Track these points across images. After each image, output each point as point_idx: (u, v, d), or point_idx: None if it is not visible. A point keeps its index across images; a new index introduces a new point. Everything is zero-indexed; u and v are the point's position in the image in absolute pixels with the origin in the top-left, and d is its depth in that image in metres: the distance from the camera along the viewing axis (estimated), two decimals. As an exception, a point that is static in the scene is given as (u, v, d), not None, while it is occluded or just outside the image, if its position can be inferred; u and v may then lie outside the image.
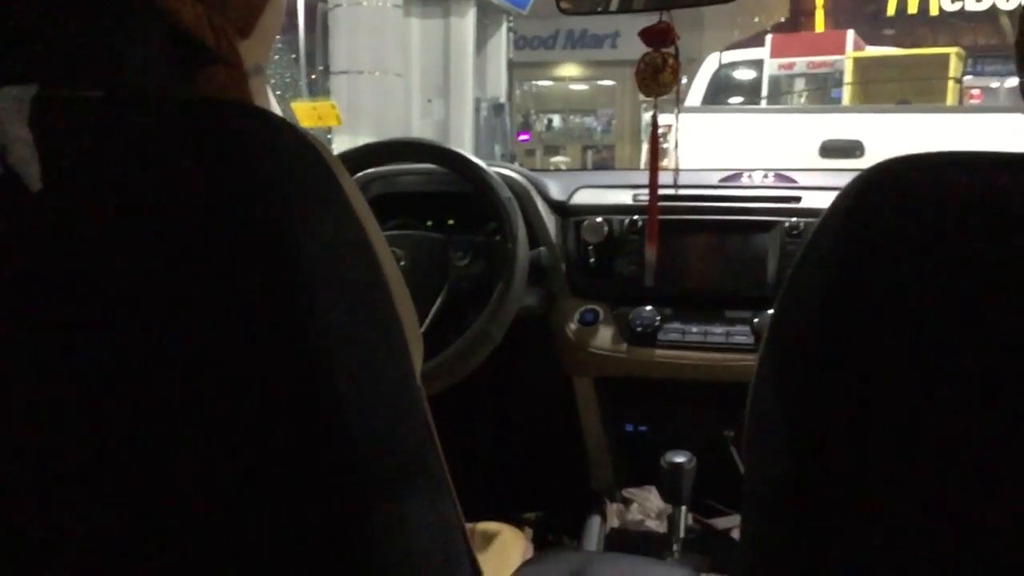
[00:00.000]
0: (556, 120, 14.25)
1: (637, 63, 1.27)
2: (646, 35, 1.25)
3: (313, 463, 0.46)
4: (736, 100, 6.87)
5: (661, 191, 1.44)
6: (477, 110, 8.86)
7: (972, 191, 0.38)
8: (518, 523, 1.61)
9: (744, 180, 1.59)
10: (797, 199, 1.44)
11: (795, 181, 1.56)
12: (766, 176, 1.59)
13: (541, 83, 14.56)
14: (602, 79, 14.32)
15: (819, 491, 0.41)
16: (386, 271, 0.54)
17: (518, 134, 13.19)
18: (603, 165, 13.45)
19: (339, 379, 0.46)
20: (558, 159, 12.71)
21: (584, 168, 12.94)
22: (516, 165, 1.63)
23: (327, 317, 0.46)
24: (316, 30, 8.18)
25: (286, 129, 0.51)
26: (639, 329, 1.42)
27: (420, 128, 8.06)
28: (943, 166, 0.40)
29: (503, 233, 1.34)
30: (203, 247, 0.45)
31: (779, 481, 0.43)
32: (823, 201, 1.39)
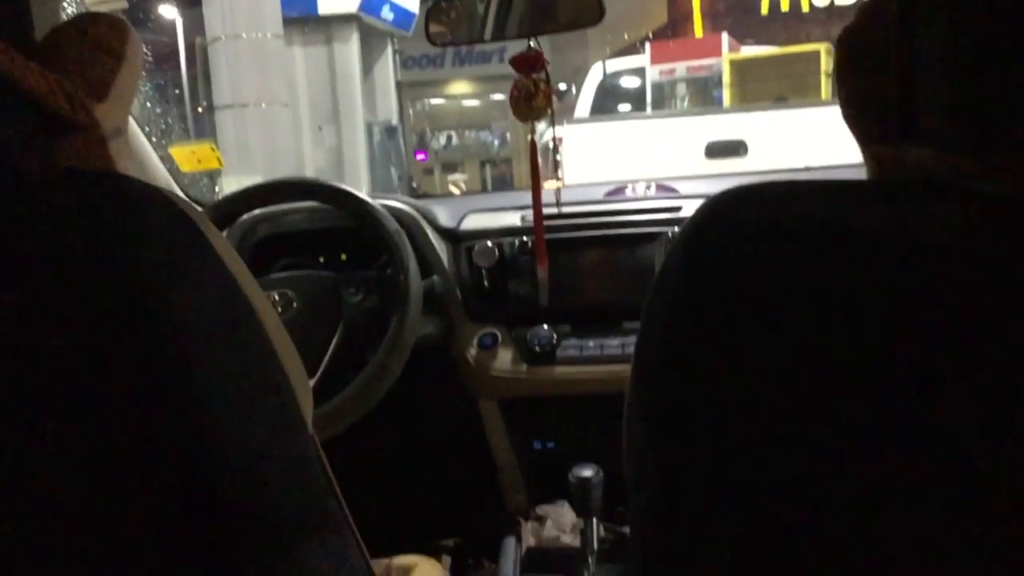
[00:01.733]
0: (453, 137, 14.29)
1: (510, 90, 1.29)
2: (516, 63, 1.28)
3: (208, 530, 0.46)
4: (625, 107, 7.04)
5: (548, 210, 1.47)
6: (370, 134, 8.81)
7: (803, 222, 0.40)
8: (437, 551, 1.61)
9: (628, 193, 1.63)
10: (678, 208, 1.49)
11: (676, 191, 1.61)
12: (648, 188, 1.63)
13: (434, 101, 14.57)
14: (494, 93, 14.46)
15: (684, 511, 0.43)
16: (266, 326, 0.54)
17: (415, 153, 13.15)
18: (502, 179, 13.52)
19: (225, 445, 0.46)
20: (456, 176, 12.72)
21: (484, 183, 13.00)
22: (402, 196, 1.62)
23: (205, 381, 0.46)
24: (196, 66, 8.00)
25: (148, 194, 0.51)
26: (537, 349, 1.44)
27: (313, 157, 7.96)
28: (774, 198, 0.42)
29: (394, 266, 1.34)
30: (70, 321, 0.44)
31: (650, 501, 0.45)
32: None
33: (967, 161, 0.39)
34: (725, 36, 6.56)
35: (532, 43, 1.28)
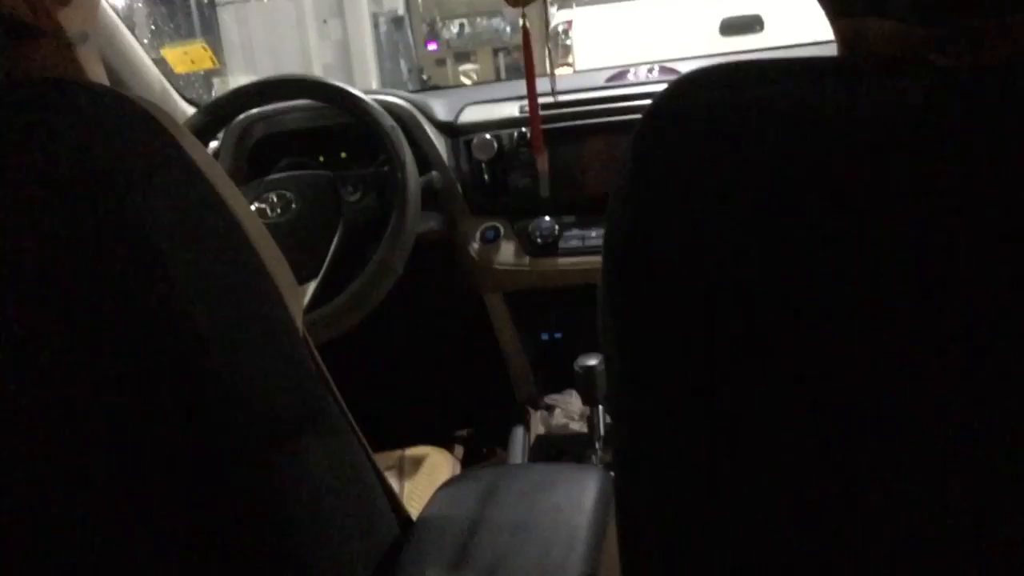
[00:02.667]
0: (465, 25, 13.86)
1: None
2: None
3: (200, 428, 0.47)
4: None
5: (544, 99, 1.44)
6: (376, 26, 8.57)
7: (751, 104, 0.38)
8: (450, 442, 1.65)
9: (630, 77, 1.58)
10: None
11: (679, 72, 1.56)
12: (651, 71, 1.59)
13: (442, -12, 14.11)
14: (503, -23, 13.86)
15: (639, 403, 0.43)
16: (249, 233, 0.53)
17: (426, 43, 12.81)
18: (516, 67, 13.19)
19: (211, 342, 0.46)
20: (467, 67, 12.43)
21: (497, 72, 12.70)
22: (399, 91, 1.59)
23: (189, 290, 0.46)
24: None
25: (118, 101, 0.50)
26: (540, 241, 1.43)
27: (319, 51, 7.78)
28: (722, 81, 0.40)
29: (391, 163, 1.32)
30: (49, 229, 0.44)
31: (616, 381, 0.46)
32: None
33: (923, 32, 0.37)
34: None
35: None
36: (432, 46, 13.27)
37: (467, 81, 11.55)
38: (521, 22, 1.29)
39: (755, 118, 0.37)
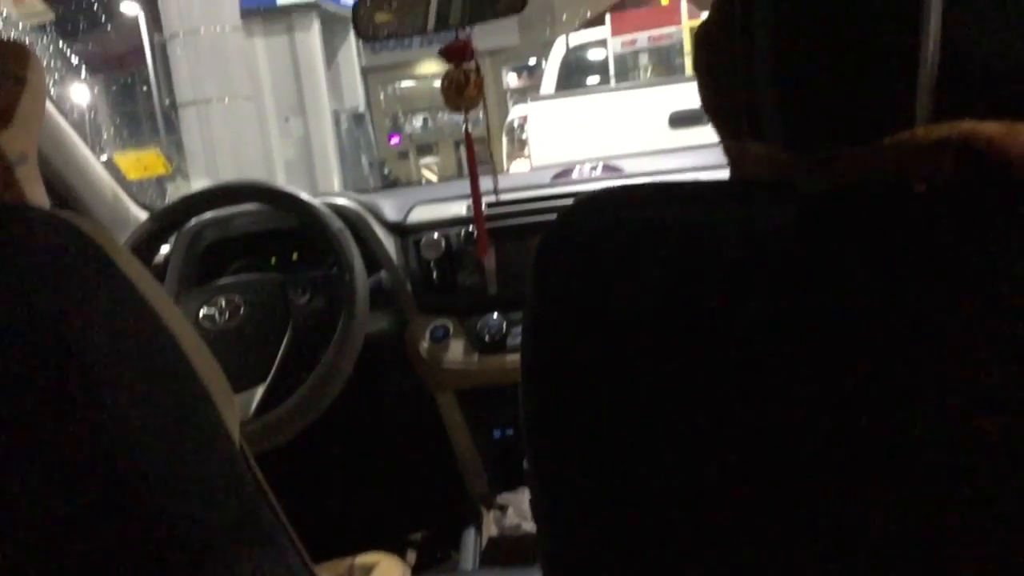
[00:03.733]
0: (428, 120, 14.18)
1: (441, 81, 1.29)
2: (446, 53, 1.27)
3: (123, 535, 0.46)
4: (593, 79, 7.01)
5: (487, 198, 1.47)
6: (337, 123, 8.74)
7: (638, 226, 0.40)
8: (403, 546, 1.62)
9: (575, 175, 1.63)
10: None
11: (621, 170, 1.61)
12: (594, 169, 1.63)
13: (404, 84, 14.48)
14: (462, 72, 14.27)
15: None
16: (183, 344, 0.54)
17: (389, 137, 13.06)
18: (477, 159, 13.47)
19: (144, 459, 0.46)
20: (428, 160, 12.67)
21: (459, 164, 12.95)
22: (347, 192, 1.61)
23: (120, 403, 0.46)
24: (156, 63, 7.89)
25: (54, 225, 0.51)
26: (487, 338, 1.44)
27: (281, 149, 7.90)
28: (612, 206, 0.42)
29: (339, 265, 1.33)
30: None
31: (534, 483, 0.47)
32: None
33: (791, 158, 0.39)
34: (684, 3, 6.53)
35: (460, 33, 1.28)
36: (395, 139, 13.51)
37: (428, 173, 11.75)
38: (464, 127, 1.33)
39: (638, 239, 0.40)
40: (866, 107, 0.38)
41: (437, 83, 1.32)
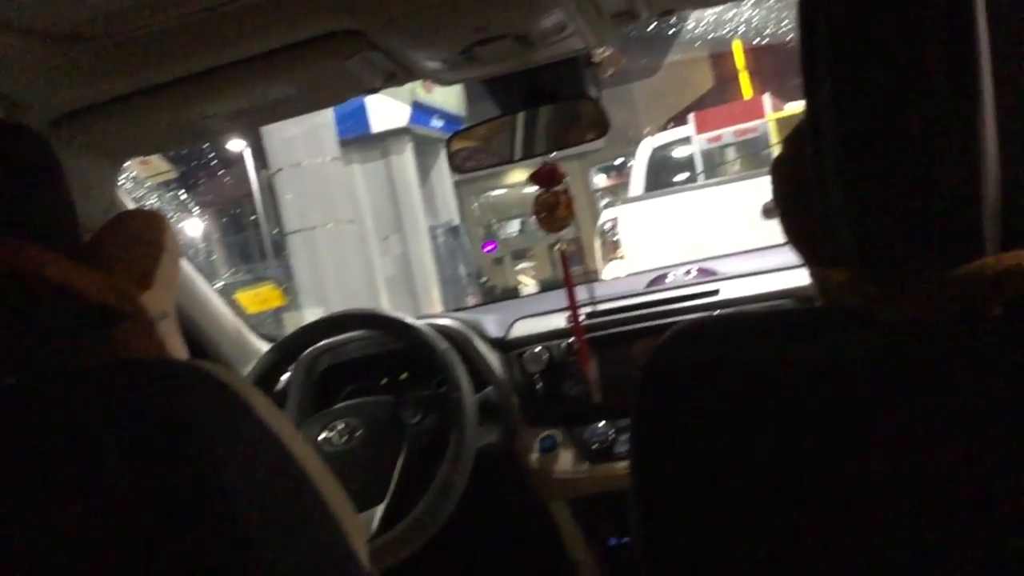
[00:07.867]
0: (522, 223, 14.49)
1: (533, 205, 1.36)
2: (536, 178, 1.35)
3: None
4: (680, 177, 7.09)
5: (590, 308, 1.51)
6: (434, 237, 9.06)
7: (732, 362, 0.45)
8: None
9: (670, 280, 1.67)
10: (715, 292, 1.52)
11: (716, 272, 1.64)
12: (688, 272, 1.67)
13: (495, 193, 14.90)
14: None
15: None
16: (310, 473, 0.59)
17: (484, 246, 13.35)
18: (572, 258, 13.58)
19: None
20: (524, 265, 12.88)
21: (554, 267, 13.12)
22: (450, 313, 1.68)
23: (260, 536, 0.51)
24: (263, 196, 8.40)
25: (193, 375, 0.58)
26: (595, 447, 1.46)
27: (382, 266, 8.20)
28: (713, 337, 0.47)
29: (447, 384, 1.39)
30: (136, 503, 0.49)
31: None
32: (741, 289, 1.47)
33: (873, 287, 0.43)
34: (767, 97, 6.60)
35: (547, 158, 1.35)
36: (488, 247, 13.81)
37: (525, 278, 11.92)
38: (557, 246, 1.39)
39: (720, 375, 0.45)
40: (935, 234, 0.41)
41: (526, 190, 1.39)
